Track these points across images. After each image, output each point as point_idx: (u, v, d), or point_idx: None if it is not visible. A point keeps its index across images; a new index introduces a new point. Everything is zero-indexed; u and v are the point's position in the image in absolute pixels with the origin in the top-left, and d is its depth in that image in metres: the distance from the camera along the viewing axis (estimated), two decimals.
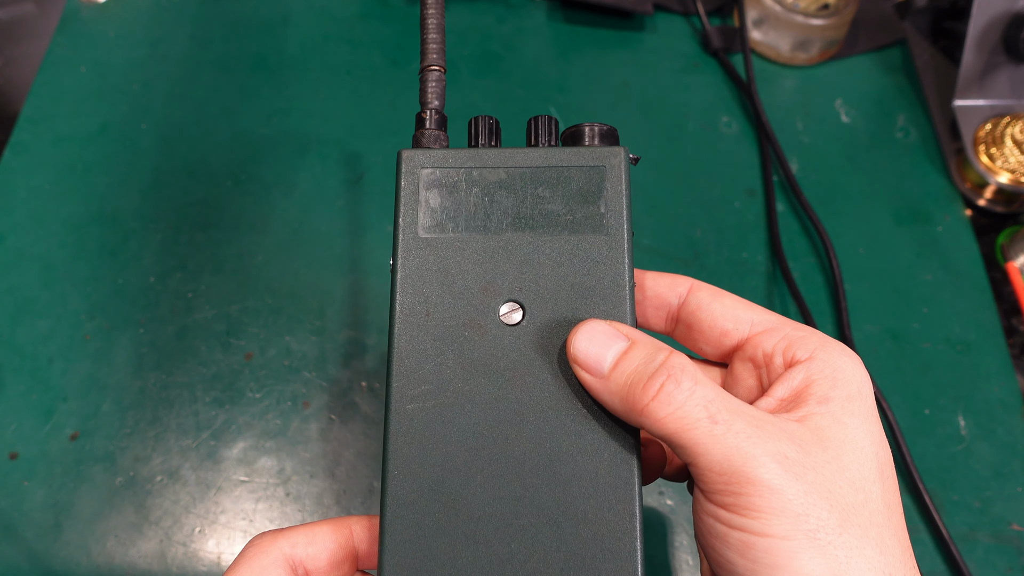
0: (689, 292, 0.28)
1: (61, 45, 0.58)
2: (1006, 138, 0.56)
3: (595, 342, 0.24)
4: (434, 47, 0.29)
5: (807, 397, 0.24)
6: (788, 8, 0.60)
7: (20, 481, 0.42)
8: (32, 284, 0.48)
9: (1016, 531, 0.44)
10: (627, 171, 0.27)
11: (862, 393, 0.24)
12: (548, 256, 0.26)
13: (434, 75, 0.29)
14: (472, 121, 0.30)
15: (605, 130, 0.29)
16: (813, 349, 0.25)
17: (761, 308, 0.27)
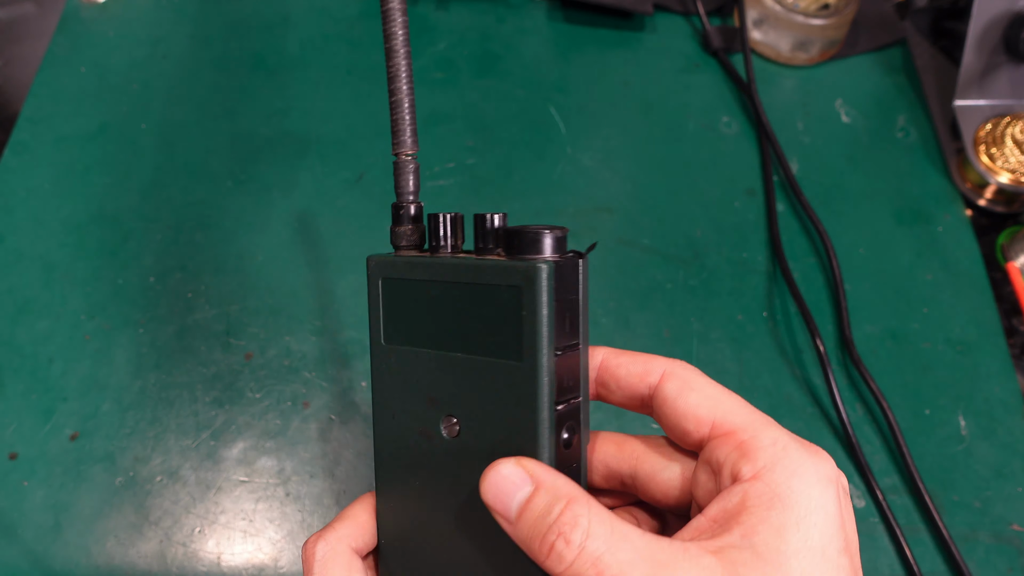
0: (660, 380, 0.26)
1: (61, 45, 0.58)
2: (1006, 138, 0.56)
3: (502, 488, 0.23)
4: (408, 130, 0.26)
5: (734, 525, 0.22)
6: (788, 8, 0.60)
7: (20, 481, 0.42)
8: (32, 284, 0.48)
9: (1016, 531, 0.44)
10: (549, 289, 0.24)
11: (802, 523, 0.22)
12: (477, 378, 0.26)
13: (411, 165, 0.27)
14: (431, 219, 0.27)
15: (529, 237, 0.24)
16: (761, 467, 0.23)
17: (732, 401, 0.25)
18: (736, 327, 0.50)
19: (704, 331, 0.50)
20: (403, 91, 0.26)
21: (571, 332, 0.25)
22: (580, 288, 0.25)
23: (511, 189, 0.54)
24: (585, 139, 0.57)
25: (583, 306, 0.25)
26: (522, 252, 0.24)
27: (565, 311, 0.24)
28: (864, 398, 0.48)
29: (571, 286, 0.25)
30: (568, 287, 0.24)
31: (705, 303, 0.51)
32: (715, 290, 0.51)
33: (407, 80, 0.27)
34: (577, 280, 0.25)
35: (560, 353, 0.24)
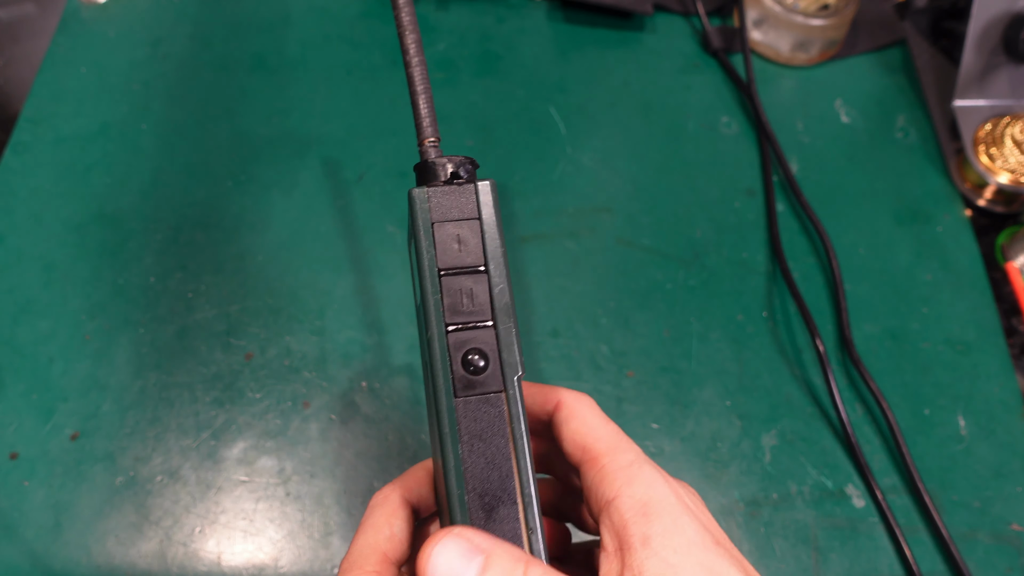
0: (555, 409, 0.29)
1: (61, 45, 0.58)
2: (1006, 138, 0.56)
3: (448, 568, 0.23)
4: (429, 119, 0.28)
5: (630, 540, 0.24)
6: (788, 8, 0.60)
7: (20, 481, 0.42)
8: (32, 284, 0.48)
9: (1016, 531, 0.44)
10: (423, 212, 0.26)
11: (678, 522, 0.24)
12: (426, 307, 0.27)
13: (436, 151, 0.28)
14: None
15: (420, 168, 0.27)
16: (619, 486, 0.25)
17: (605, 430, 0.27)
18: (736, 327, 0.50)
19: (704, 331, 0.50)
20: (418, 82, 0.28)
21: (466, 253, 0.25)
22: (477, 209, 0.26)
23: (511, 189, 0.54)
24: (585, 139, 0.57)
25: (485, 229, 0.26)
26: (421, 184, 0.26)
27: (454, 232, 0.25)
28: (864, 398, 0.48)
29: (458, 209, 0.26)
30: (453, 210, 0.26)
31: (705, 303, 0.51)
32: (715, 290, 0.51)
33: (421, 72, 0.28)
34: (470, 202, 0.26)
35: (446, 272, 0.25)
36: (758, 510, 0.44)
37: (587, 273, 0.51)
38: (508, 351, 0.25)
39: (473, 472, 0.25)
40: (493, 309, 0.25)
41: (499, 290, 0.25)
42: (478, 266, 0.25)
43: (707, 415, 0.47)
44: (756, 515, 0.44)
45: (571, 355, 0.48)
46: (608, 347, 0.49)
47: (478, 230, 0.25)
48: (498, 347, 0.25)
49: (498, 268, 0.25)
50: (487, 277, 0.25)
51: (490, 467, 0.25)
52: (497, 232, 0.26)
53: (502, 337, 0.25)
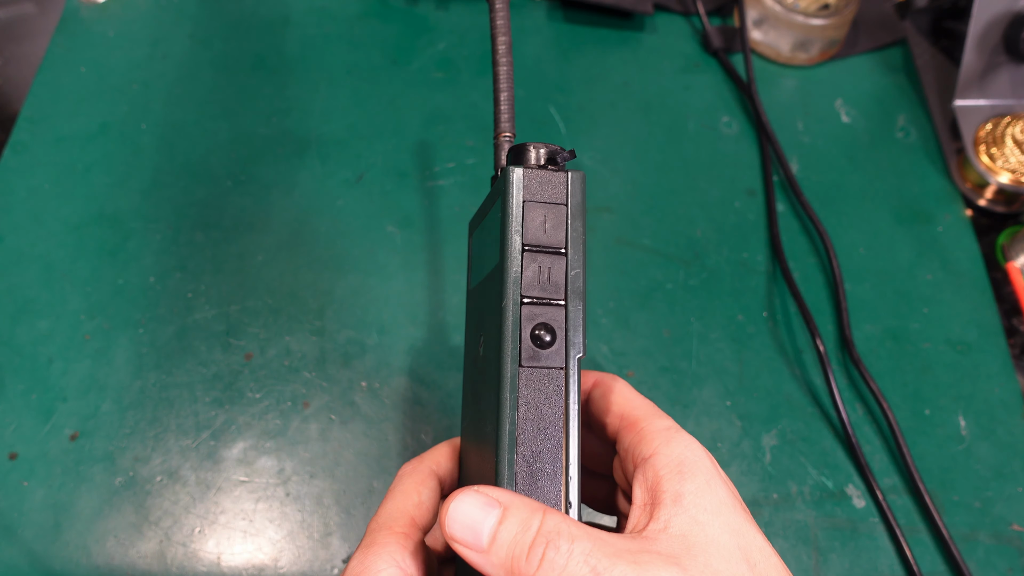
0: (591, 387, 0.31)
1: (61, 45, 0.58)
2: (1006, 138, 0.56)
3: (468, 517, 0.24)
4: (508, 115, 0.30)
5: (661, 496, 0.25)
6: (788, 8, 0.60)
7: (20, 481, 0.42)
8: (32, 284, 0.48)
9: (1016, 531, 0.44)
10: (519, 189, 0.27)
11: (711, 483, 0.25)
12: (488, 292, 0.29)
13: (509, 144, 0.30)
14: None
15: (515, 150, 0.28)
16: (657, 445, 0.26)
17: (640, 401, 0.29)
18: (736, 327, 0.50)
19: (704, 331, 0.50)
20: (503, 80, 0.30)
21: (550, 234, 0.27)
22: (566, 196, 0.27)
23: None
24: (585, 139, 0.57)
25: (571, 216, 0.27)
26: (514, 164, 0.27)
27: (542, 214, 0.26)
28: (864, 398, 0.48)
29: (549, 193, 0.27)
30: (544, 193, 0.27)
31: (705, 303, 0.51)
32: (715, 290, 0.51)
33: (507, 73, 0.31)
34: (560, 188, 0.27)
35: (529, 248, 0.26)
36: (758, 510, 0.44)
37: (587, 273, 0.51)
38: (575, 331, 0.26)
39: (526, 438, 0.26)
40: (567, 290, 0.26)
41: (574, 274, 0.26)
42: (560, 248, 0.26)
43: (707, 415, 0.47)
44: (756, 515, 0.44)
45: None
46: (608, 347, 0.49)
47: (564, 215, 0.27)
48: (566, 326, 0.26)
49: (577, 253, 0.27)
50: (565, 260, 0.26)
51: (542, 437, 0.26)
52: (581, 220, 0.27)
53: (571, 317, 0.26)
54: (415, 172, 0.54)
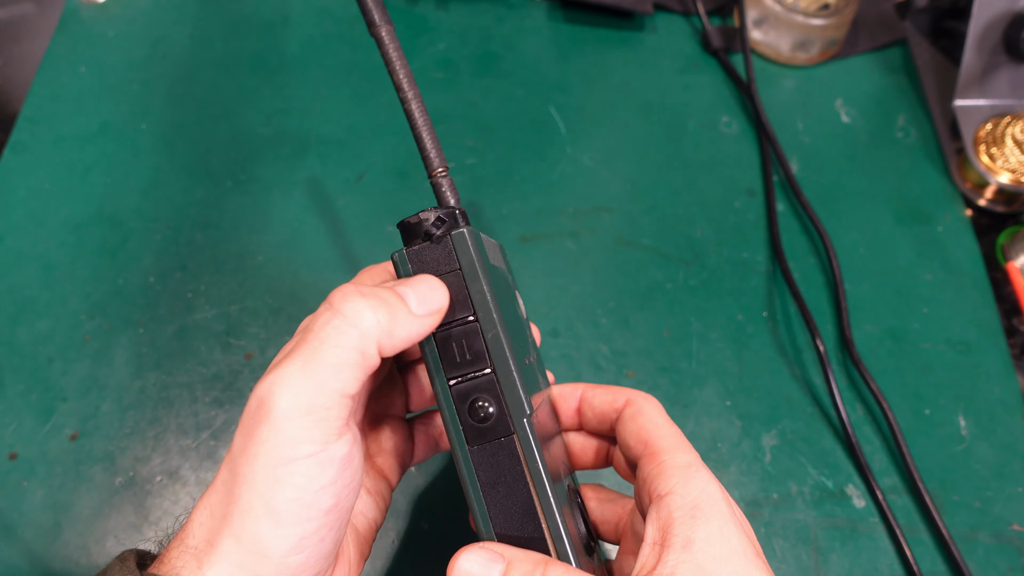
0: (624, 406, 0.30)
1: (61, 45, 0.58)
2: (1006, 138, 0.56)
3: (472, 573, 0.24)
4: (435, 151, 0.28)
5: (671, 539, 0.24)
6: (788, 8, 0.60)
7: (20, 481, 0.42)
8: (32, 284, 0.48)
9: (1016, 531, 0.44)
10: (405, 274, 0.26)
11: (724, 530, 0.25)
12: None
13: (447, 180, 0.28)
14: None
15: (403, 228, 0.27)
16: (674, 484, 0.26)
17: (668, 430, 0.28)
18: (736, 327, 0.50)
19: (704, 331, 0.50)
20: (417, 117, 0.28)
21: (453, 307, 0.26)
22: (456, 261, 0.26)
23: (511, 189, 0.54)
24: (585, 139, 0.57)
25: (467, 279, 0.26)
26: (405, 244, 0.26)
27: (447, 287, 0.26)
28: (864, 398, 0.48)
29: (438, 265, 0.26)
30: (434, 267, 0.26)
31: (705, 303, 0.51)
32: (715, 290, 0.51)
33: (419, 107, 0.28)
34: (447, 256, 0.26)
35: (437, 330, 0.26)
36: (758, 510, 0.44)
37: (587, 273, 0.51)
38: (511, 394, 0.25)
39: (497, 518, 0.26)
40: (489, 356, 0.25)
41: (491, 336, 0.25)
42: (467, 317, 0.25)
43: (707, 415, 0.47)
44: (756, 515, 0.44)
45: (571, 355, 0.48)
46: (608, 347, 0.49)
47: (461, 281, 0.26)
48: (501, 392, 0.25)
49: (487, 315, 0.25)
50: (478, 326, 0.25)
51: (513, 508, 0.26)
52: (482, 278, 0.25)
53: (503, 382, 0.25)
54: (415, 172, 0.54)
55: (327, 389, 0.23)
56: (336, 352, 0.23)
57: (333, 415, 0.24)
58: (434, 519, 0.42)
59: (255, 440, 0.23)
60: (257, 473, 0.23)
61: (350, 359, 0.24)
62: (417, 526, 0.42)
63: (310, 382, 0.23)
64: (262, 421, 0.23)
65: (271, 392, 0.23)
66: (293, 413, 0.23)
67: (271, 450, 0.23)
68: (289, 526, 0.23)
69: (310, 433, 0.23)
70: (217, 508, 0.24)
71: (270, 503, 0.23)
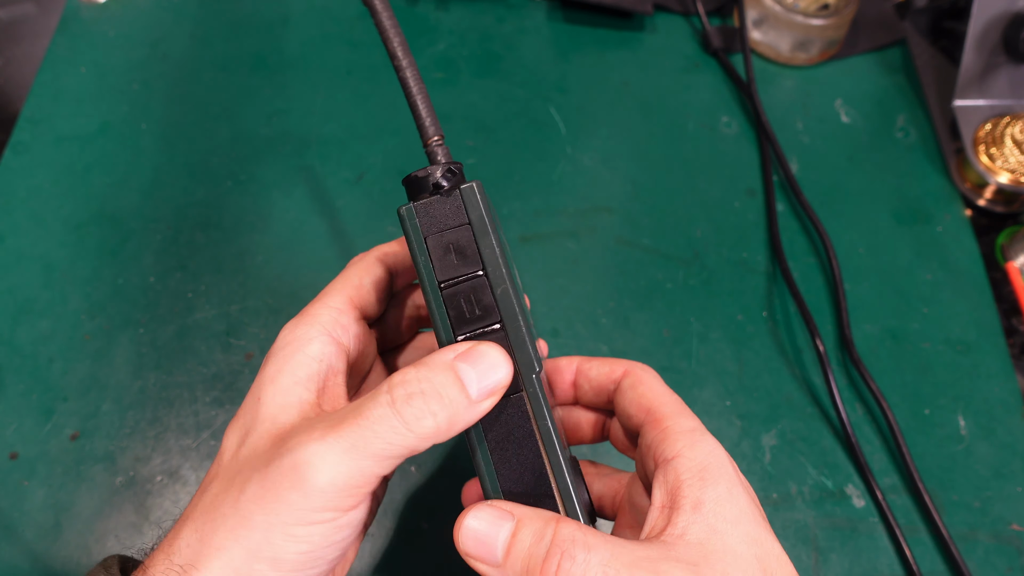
0: (622, 376, 0.30)
1: (61, 45, 0.58)
2: (1006, 138, 0.56)
3: (480, 531, 0.24)
4: (430, 119, 0.28)
5: (681, 501, 0.25)
6: (788, 8, 0.60)
7: (20, 481, 0.42)
8: (32, 284, 0.48)
9: (1016, 531, 0.44)
10: (414, 228, 0.26)
11: (732, 492, 0.25)
12: None
13: (442, 149, 0.28)
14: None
15: (408, 183, 0.27)
16: (680, 447, 0.26)
17: (669, 397, 0.28)
18: (736, 327, 0.50)
19: (704, 331, 0.50)
20: (412, 86, 0.27)
21: (463, 262, 0.25)
22: (466, 215, 0.25)
23: (511, 189, 0.54)
24: (585, 139, 0.57)
25: (477, 233, 0.25)
26: (411, 199, 0.26)
27: (447, 243, 0.25)
28: (864, 398, 0.48)
29: (447, 219, 0.25)
30: (442, 221, 0.25)
31: (705, 303, 0.51)
32: (715, 290, 0.51)
33: (414, 75, 0.27)
34: (457, 209, 0.25)
35: (446, 285, 0.25)
36: None
37: (587, 273, 0.51)
38: (521, 350, 0.25)
39: (506, 476, 0.25)
40: (499, 311, 0.25)
41: (501, 291, 0.25)
42: (476, 271, 0.25)
43: (707, 415, 0.47)
44: None
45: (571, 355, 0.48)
46: (608, 347, 0.49)
47: (470, 235, 0.25)
48: (511, 348, 0.25)
49: (496, 270, 0.25)
50: (487, 280, 0.25)
51: (522, 467, 0.25)
52: (490, 232, 0.25)
53: (512, 337, 0.25)
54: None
55: (368, 474, 0.24)
56: (387, 449, 0.23)
57: (365, 492, 0.24)
58: (434, 519, 0.43)
59: (280, 500, 0.23)
60: (273, 526, 0.23)
61: (397, 454, 0.24)
62: (417, 526, 0.42)
63: (354, 466, 0.23)
64: (295, 487, 0.23)
65: (310, 463, 0.23)
66: (329, 489, 0.23)
67: (296, 513, 0.23)
68: (290, 572, 0.23)
69: (338, 504, 0.23)
70: (209, 534, 0.23)
71: (279, 554, 0.23)
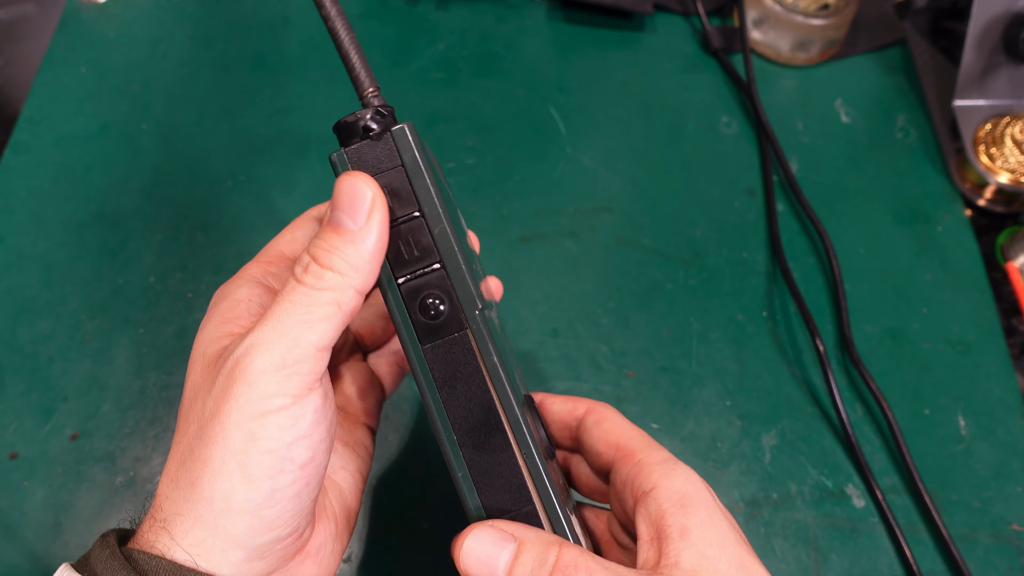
0: (584, 415, 0.30)
1: (61, 45, 0.58)
2: (1006, 138, 0.56)
3: (482, 553, 0.24)
4: (364, 71, 0.26)
5: (667, 530, 0.25)
6: (788, 8, 0.60)
7: (20, 481, 0.42)
8: (32, 284, 0.48)
9: (1016, 531, 0.44)
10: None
11: (713, 517, 0.25)
12: None
13: (378, 99, 0.27)
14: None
15: (337, 129, 0.26)
16: (657, 478, 0.26)
17: (634, 432, 0.29)
18: (736, 327, 0.50)
19: (704, 331, 0.50)
20: (343, 36, 0.26)
21: (398, 203, 0.25)
22: (399, 157, 0.25)
23: (511, 189, 0.54)
24: (585, 139, 0.57)
25: (411, 174, 0.25)
26: (343, 145, 0.25)
27: (382, 185, 0.25)
28: (864, 398, 0.48)
29: (380, 162, 0.25)
30: (376, 164, 0.25)
31: (705, 303, 0.51)
32: (715, 290, 0.51)
33: (343, 25, 0.26)
34: (389, 152, 0.25)
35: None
36: (758, 510, 0.44)
37: (587, 273, 0.51)
38: (462, 288, 0.25)
39: (456, 413, 0.25)
40: (438, 250, 0.25)
41: (439, 231, 0.25)
42: (412, 213, 0.25)
43: (707, 415, 0.47)
44: (756, 515, 0.44)
45: (571, 355, 0.48)
46: (608, 347, 0.49)
47: (404, 177, 0.25)
48: (451, 286, 0.25)
49: (433, 210, 0.25)
50: (424, 221, 0.25)
51: (472, 404, 0.25)
52: (425, 173, 0.25)
53: (452, 276, 0.25)
54: None
55: (302, 344, 0.23)
56: (309, 313, 0.23)
57: (307, 368, 0.23)
58: (434, 519, 0.43)
59: (229, 398, 0.23)
60: (230, 430, 0.23)
61: (324, 315, 0.23)
62: (417, 526, 0.42)
63: (287, 340, 0.23)
64: (236, 380, 0.23)
65: (246, 354, 0.23)
66: (268, 368, 0.23)
67: (244, 405, 0.23)
68: (262, 480, 0.23)
69: (283, 387, 0.23)
70: (183, 476, 0.23)
71: (242, 457, 0.23)
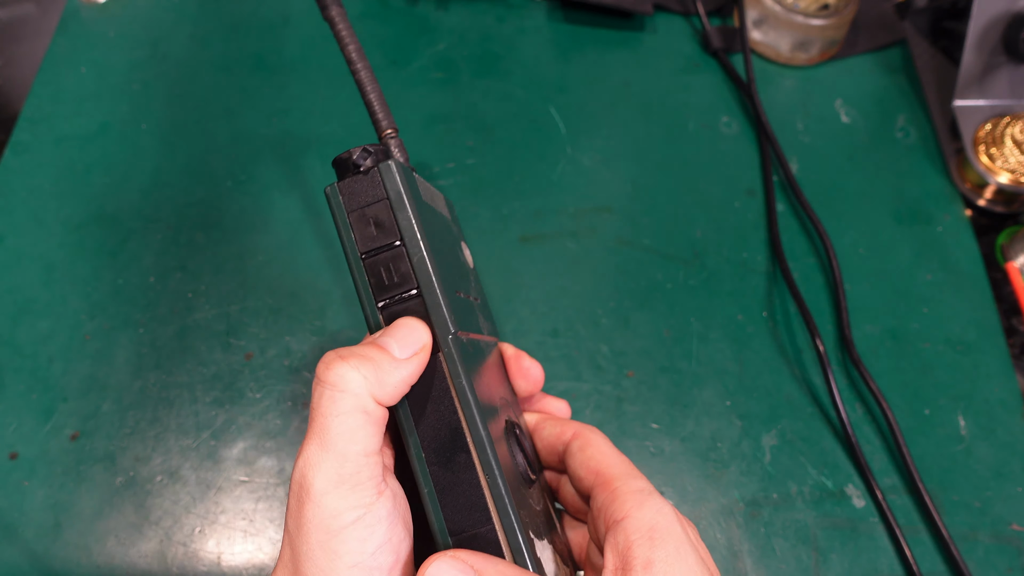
0: (571, 439, 0.31)
1: (61, 45, 0.58)
2: (1006, 138, 0.56)
3: None
4: (383, 113, 0.31)
5: (632, 562, 0.25)
6: (788, 8, 0.60)
7: (20, 481, 0.42)
8: (32, 284, 0.48)
9: (1016, 531, 0.44)
10: (337, 205, 0.28)
11: (680, 551, 0.25)
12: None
13: (395, 141, 0.31)
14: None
15: (336, 164, 0.28)
16: (628, 508, 0.26)
17: (617, 459, 0.29)
18: (736, 327, 0.50)
19: (704, 331, 0.50)
20: (367, 84, 0.31)
21: (381, 234, 0.27)
22: (384, 191, 0.27)
23: (511, 189, 0.54)
24: (585, 139, 0.57)
25: (394, 207, 0.27)
26: (339, 178, 0.28)
27: (369, 218, 0.27)
28: (864, 398, 0.48)
29: (367, 195, 0.27)
30: (363, 198, 0.27)
31: (705, 303, 0.51)
32: (715, 290, 0.51)
33: (368, 75, 0.31)
34: (376, 187, 0.27)
35: (366, 255, 0.27)
36: (758, 510, 0.44)
37: (587, 273, 0.51)
38: (436, 313, 0.27)
39: (425, 433, 0.27)
40: (416, 278, 0.27)
41: (417, 259, 0.27)
42: (394, 242, 0.27)
43: (707, 415, 0.47)
44: (756, 515, 0.44)
45: (571, 355, 0.48)
46: (608, 347, 0.49)
47: (388, 209, 0.27)
48: (426, 311, 0.27)
49: (412, 239, 0.27)
50: (404, 249, 0.27)
51: (440, 424, 0.27)
52: (408, 206, 0.27)
53: (428, 302, 0.27)
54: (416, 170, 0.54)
55: (350, 455, 0.24)
56: (341, 420, 0.24)
57: (365, 476, 0.24)
58: None
59: (304, 520, 0.24)
60: (314, 550, 0.24)
61: (356, 421, 0.24)
62: None
63: (331, 455, 0.24)
64: (305, 502, 0.24)
65: (304, 476, 0.24)
66: (328, 487, 0.24)
67: (319, 525, 0.24)
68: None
69: (349, 501, 0.24)
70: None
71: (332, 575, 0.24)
